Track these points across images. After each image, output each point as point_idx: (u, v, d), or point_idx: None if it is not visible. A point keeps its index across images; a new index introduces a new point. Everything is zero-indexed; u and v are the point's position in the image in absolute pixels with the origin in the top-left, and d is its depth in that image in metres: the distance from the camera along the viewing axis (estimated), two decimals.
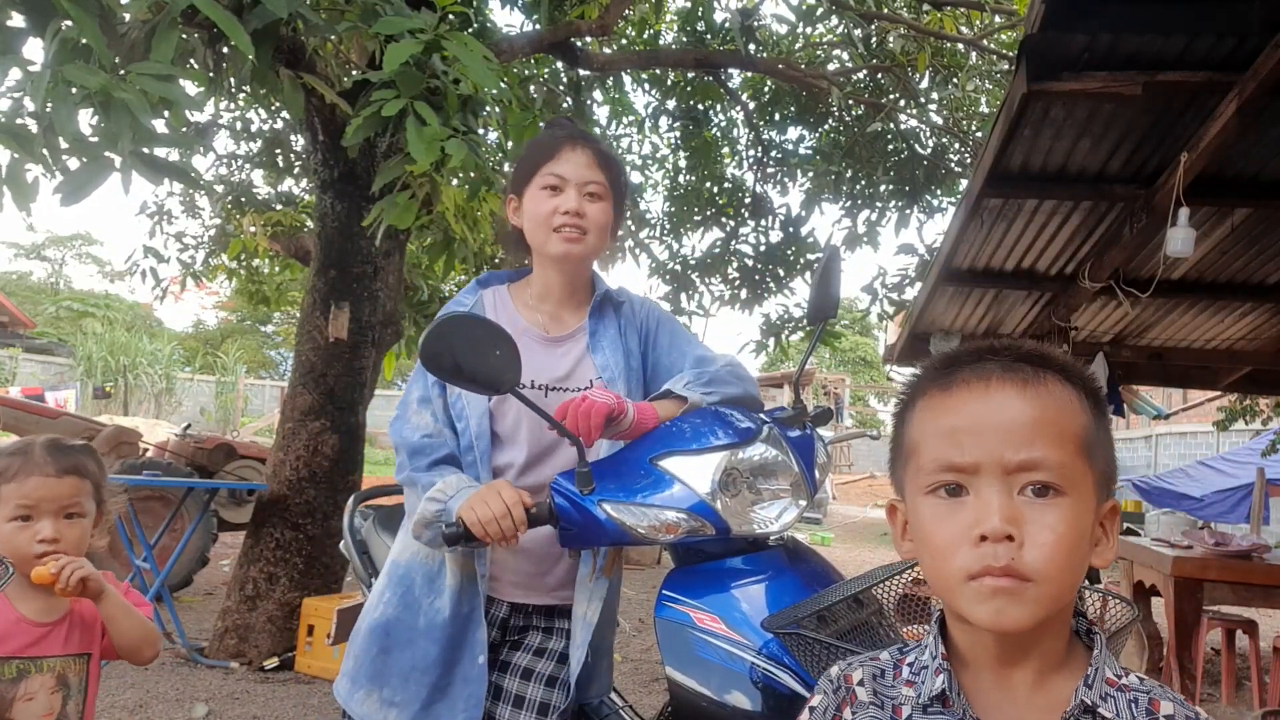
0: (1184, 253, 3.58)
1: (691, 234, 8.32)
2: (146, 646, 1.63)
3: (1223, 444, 12.41)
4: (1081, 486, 0.80)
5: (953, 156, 7.51)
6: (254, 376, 24.55)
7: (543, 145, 1.73)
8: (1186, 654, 4.25)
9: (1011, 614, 0.77)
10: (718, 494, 1.43)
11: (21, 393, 12.73)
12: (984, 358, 0.85)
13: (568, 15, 5.94)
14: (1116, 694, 0.80)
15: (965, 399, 0.83)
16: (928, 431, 0.84)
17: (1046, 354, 0.85)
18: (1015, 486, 0.79)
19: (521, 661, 1.67)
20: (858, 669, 0.91)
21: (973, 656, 0.84)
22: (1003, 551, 0.76)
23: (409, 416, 1.68)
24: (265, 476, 4.76)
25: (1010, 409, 0.80)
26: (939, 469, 0.82)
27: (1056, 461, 0.79)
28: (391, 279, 4.78)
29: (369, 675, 1.66)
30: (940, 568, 0.81)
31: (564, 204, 1.67)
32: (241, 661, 4.30)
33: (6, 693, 1.49)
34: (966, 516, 0.79)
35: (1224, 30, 2.79)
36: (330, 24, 3.23)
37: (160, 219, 7.40)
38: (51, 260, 33.11)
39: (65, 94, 2.25)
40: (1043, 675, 0.82)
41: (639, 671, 4.80)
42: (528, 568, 1.68)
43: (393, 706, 1.63)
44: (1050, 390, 0.82)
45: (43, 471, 1.52)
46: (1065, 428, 0.81)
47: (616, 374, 1.71)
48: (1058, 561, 0.77)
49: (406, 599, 1.67)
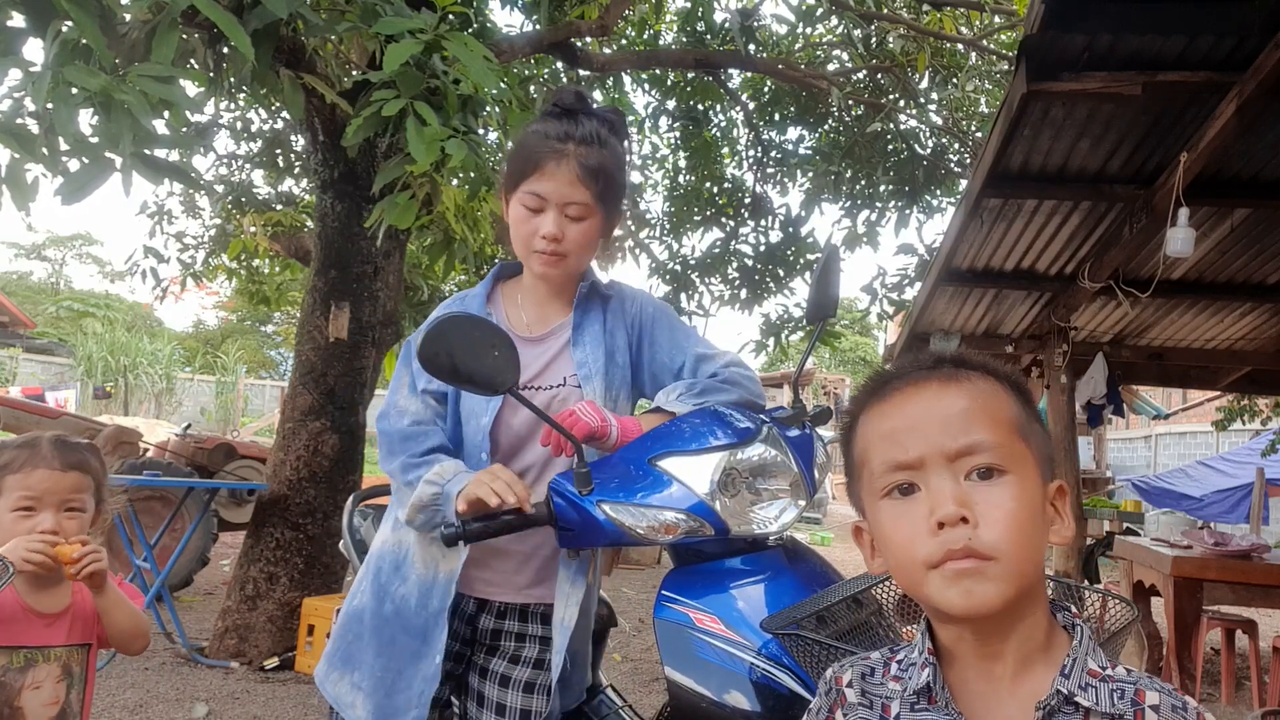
0: (1184, 253, 3.59)
1: (691, 234, 8.33)
2: (138, 637, 1.69)
3: (1223, 444, 12.40)
4: (1024, 465, 0.84)
5: (953, 156, 7.51)
6: (254, 376, 24.53)
7: (528, 153, 1.62)
8: (1186, 654, 4.25)
9: (979, 593, 0.79)
10: (717, 494, 1.43)
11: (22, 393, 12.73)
12: (912, 369, 0.91)
13: (568, 15, 5.95)
14: (1099, 684, 0.81)
15: (900, 402, 0.89)
16: (871, 439, 0.90)
17: (965, 357, 0.92)
18: (961, 472, 0.83)
19: (499, 668, 1.65)
20: (847, 670, 0.93)
21: (957, 651, 0.86)
22: (959, 534, 0.80)
23: (398, 403, 1.66)
24: (265, 476, 4.76)
25: (943, 402, 0.86)
26: (887, 470, 0.86)
27: (995, 442, 0.83)
28: (391, 279, 4.78)
29: (342, 659, 1.69)
30: (904, 563, 0.84)
31: (543, 227, 1.59)
32: (242, 661, 4.30)
33: (14, 681, 1.53)
34: (921, 509, 0.83)
35: (1224, 30, 2.79)
36: (330, 24, 3.23)
37: (160, 219, 7.40)
38: (52, 260, 33.13)
39: (66, 94, 2.25)
40: (1024, 666, 0.84)
41: (639, 671, 4.80)
42: (496, 563, 1.66)
43: (359, 691, 1.64)
44: (975, 383, 0.88)
45: (49, 465, 1.56)
46: (997, 413, 0.86)
47: (594, 371, 1.66)
48: (1014, 536, 0.80)
49: (375, 587, 1.67)
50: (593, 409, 1.55)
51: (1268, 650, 4.75)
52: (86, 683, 1.63)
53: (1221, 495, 8.53)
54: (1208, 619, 4.63)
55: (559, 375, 1.67)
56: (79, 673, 1.61)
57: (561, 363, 1.68)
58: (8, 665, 1.52)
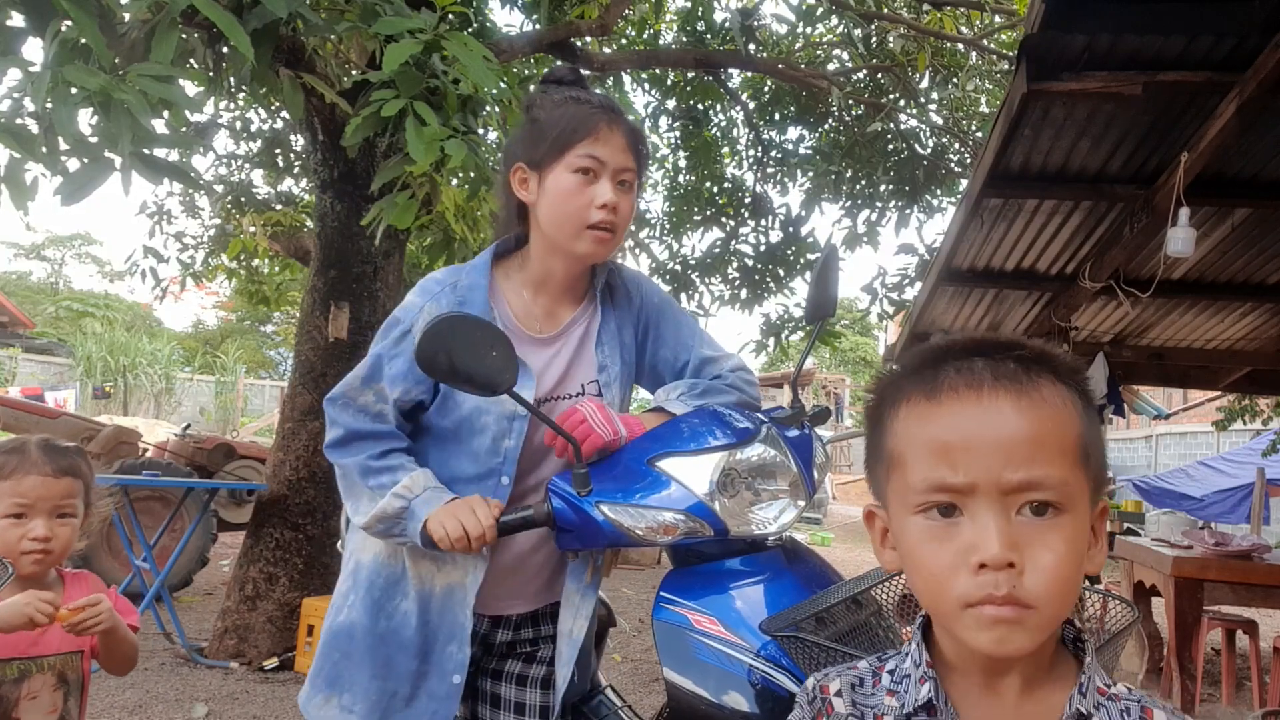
0: (1184, 253, 3.58)
1: (691, 234, 8.33)
2: (128, 664, 1.65)
3: (1223, 444, 12.40)
4: (1080, 500, 0.76)
5: (953, 156, 7.51)
6: (254, 376, 24.52)
7: (575, 116, 1.48)
8: (1187, 654, 4.25)
9: (1014, 642, 0.73)
10: (716, 495, 1.42)
11: (21, 393, 12.75)
12: (970, 355, 0.79)
13: (568, 15, 5.95)
14: (1108, 703, 0.79)
15: (956, 411, 0.76)
16: (915, 443, 0.78)
17: (1038, 352, 0.79)
18: (1013, 506, 0.74)
19: (514, 669, 1.63)
20: (835, 679, 0.87)
21: (959, 664, 0.81)
22: (1004, 580, 0.72)
23: (365, 398, 1.52)
24: (265, 476, 4.75)
25: (1007, 424, 0.75)
26: (930, 489, 0.76)
27: (1058, 479, 0.74)
28: (391, 279, 4.78)
29: (328, 680, 1.57)
30: (936, 594, 0.77)
31: (601, 195, 1.47)
32: (241, 661, 4.30)
33: (10, 693, 1.51)
34: (963, 541, 0.74)
35: (1224, 30, 2.79)
36: (330, 24, 3.22)
37: (160, 219, 7.40)
38: (51, 260, 33.10)
39: (65, 94, 2.24)
40: (1031, 683, 0.79)
41: (639, 671, 4.79)
42: (514, 579, 1.61)
43: (350, 714, 1.53)
44: (1045, 397, 0.76)
45: (40, 470, 1.53)
46: (1064, 439, 0.76)
47: (614, 376, 1.60)
48: (1060, 585, 0.73)
49: (369, 602, 1.55)
50: (603, 416, 1.49)
51: (1268, 650, 4.75)
52: (83, 689, 1.62)
53: (1222, 495, 8.54)
54: (1208, 619, 4.62)
55: (577, 382, 1.59)
56: (75, 679, 1.59)
57: (578, 368, 1.60)
58: (2, 677, 1.50)
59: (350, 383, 1.53)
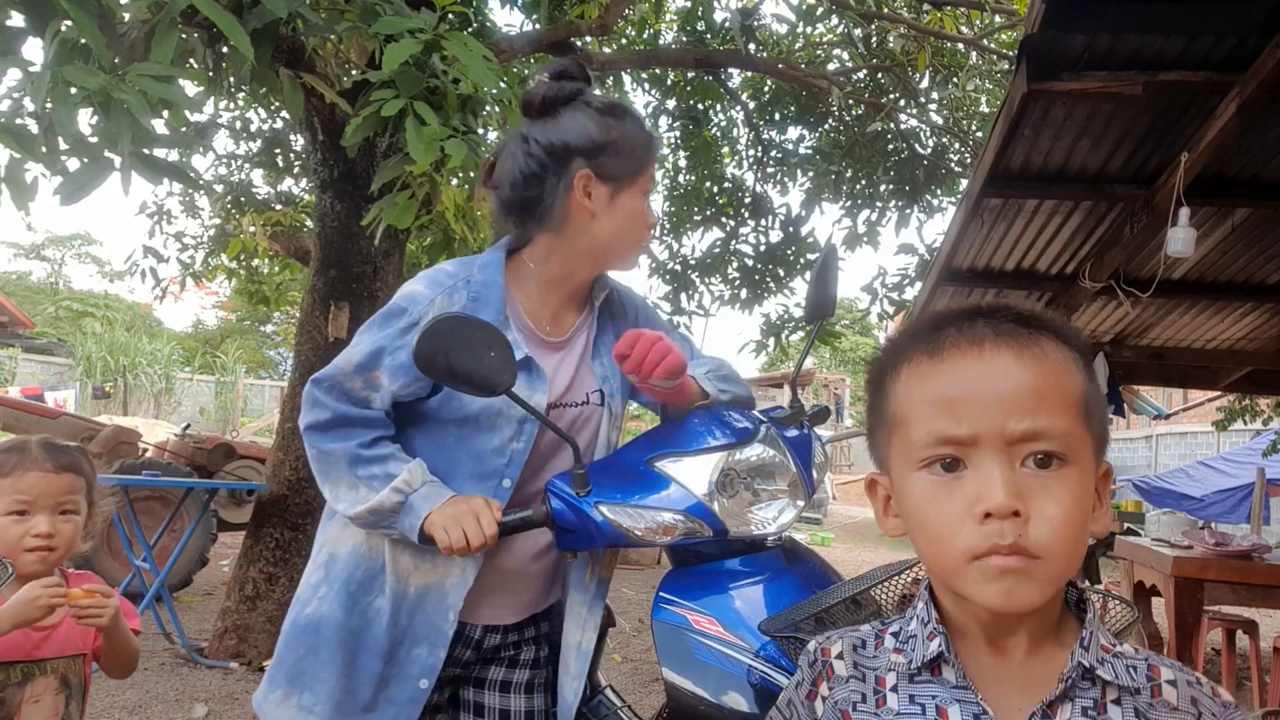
0: (1184, 253, 3.58)
1: (691, 234, 8.32)
2: (129, 667, 1.65)
3: (1223, 444, 12.41)
4: (1083, 453, 0.76)
5: (953, 156, 7.51)
6: (254, 376, 24.52)
7: (645, 140, 1.54)
8: (1187, 654, 4.24)
9: (1021, 593, 0.73)
10: (715, 495, 1.42)
11: (21, 393, 12.75)
12: (972, 318, 0.79)
13: (568, 15, 5.95)
14: (1113, 659, 0.78)
15: (958, 365, 0.77)
16: (917, 401, 0.78)
17: (1039, 314, 0.80)
18: (1017, 458, 0.74)
19: (497, 675, 1.59)
20: (836, 642, 0.87)
21: (964, 624, 0.81)
22: (1009, 529, 0.72)
23: (356, 385, 1.46)
24: (265, 476, 4.76)
25: (1009, 375, 0.75)
26: (934, 442, 0.76)
27: (1061, 430, 0.74)
28: (391, 279, 4.77)
29: (289, 676, 1.49)
30: (941, 549, 0.76)
31: (651, 216, 1.56)
32: (241, 662, 4.30)
33: (13, 697, 1.51)
34: (967, 492, 0.74)
35: (1224, 30, 2.78)
36: (330, 24, 3.22)
37: (160, 219, 7.40)
38: (51, 260, 33.12)
39: (65, 94, 2.24)
40: (1037, 642, 0.79)
41: (639, 672, 4.79)
42: (511, 588, 1.58)
43: (310, 715, 1.46)
44: (1047, 353, 0.77)
45: (41, 467, 1.53)
46: (1066, 393, 0.76)
47: (615, 389, 1.60)
48: (1066, 536, 0.73)
49: (343, 596, 1.48)
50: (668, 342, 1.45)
51: (1268, 651, 4.75)
52: (85, 693, 1.62)
53: (1222, 495, 8.54)
54: (1208, 619, 4.62)
55: (582, 391, 1.58)
56: (77, 683, 1.59)
57: (584, 376, 1.59)
58: (5, 680, 1.50)
59: (342, 368, 1.47)
